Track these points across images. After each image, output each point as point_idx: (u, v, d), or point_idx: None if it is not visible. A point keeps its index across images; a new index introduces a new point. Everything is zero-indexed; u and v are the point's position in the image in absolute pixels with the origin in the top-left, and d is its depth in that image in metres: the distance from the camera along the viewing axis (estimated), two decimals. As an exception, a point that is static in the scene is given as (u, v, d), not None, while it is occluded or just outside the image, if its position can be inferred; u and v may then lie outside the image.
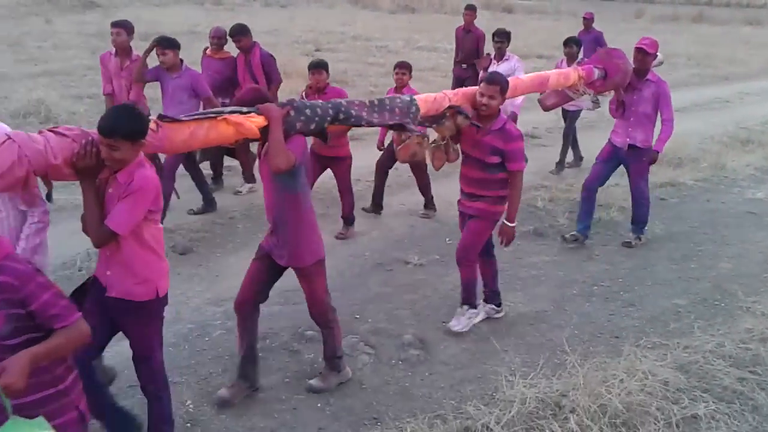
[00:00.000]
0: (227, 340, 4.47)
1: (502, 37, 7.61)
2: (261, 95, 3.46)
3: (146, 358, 3.21)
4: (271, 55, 6.99)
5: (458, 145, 4.45)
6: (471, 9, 9.44)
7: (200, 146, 3.29)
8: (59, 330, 2.20)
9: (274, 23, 21.28)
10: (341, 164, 6.13)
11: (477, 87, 4.40)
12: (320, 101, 3.64)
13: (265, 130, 3.27)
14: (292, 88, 11.83)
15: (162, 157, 4.54)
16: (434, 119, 4.16)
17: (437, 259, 5.84)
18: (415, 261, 5.74)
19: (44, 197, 3.10)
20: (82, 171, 2.77)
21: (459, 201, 4.66)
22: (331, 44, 17.88)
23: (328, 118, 3.50)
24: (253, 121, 3.22)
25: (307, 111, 3.42)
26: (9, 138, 2.63)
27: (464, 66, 9.32)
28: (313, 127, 3.45)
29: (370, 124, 3.78)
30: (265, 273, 3.78)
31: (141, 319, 3.11)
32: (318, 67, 5.83)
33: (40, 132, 2.74)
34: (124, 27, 6.33)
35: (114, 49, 6.44)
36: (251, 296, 3.79)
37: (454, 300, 5.04)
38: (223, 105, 6.90)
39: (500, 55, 7.59)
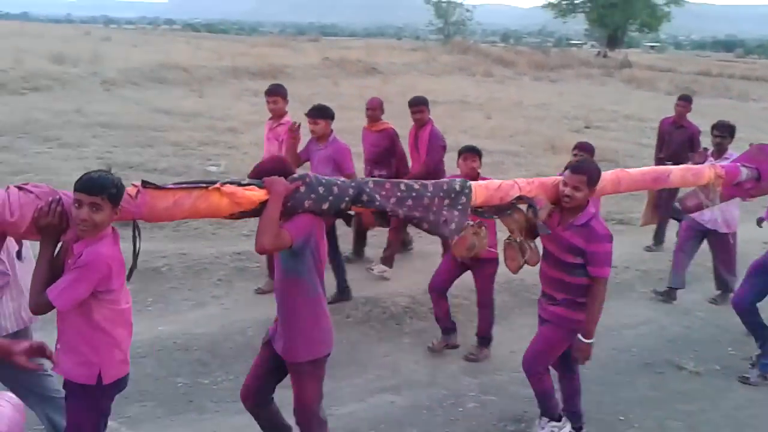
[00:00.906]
0: (481, 414, 4.42)
1: (724, 132, 6.38)
2: (282, 168, 3.19)
3: None
4: (439, 136, 6.60)
5: (535, 244, 3.84)
6: (686, 100, 8.18)
7: (186, 216, 2.99)
8: None
9: (543, 97, 21.48)
10: (483, 269, 5.11)
11: (558, 177, 3.87)
12: (341, 178, 3.33)
13: (265, 204, 3.03)
14: (558, 163, 11.78)
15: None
16: (498, 210, 3.66)
17: (717, 369, 5.25)
18: (690, 368, 5.20)
19: (14, 255, 3.10)
20: (44, 230, 2.65)
21: (538, 300, 4.12)
22: (602, 122, 17.51)
23: (346, 199, 3.18)
24: (252, 194, 3.01)
25: (320, 189, 3.13)
26: None
27: (668, 163, 7.67)
28: (325, 207, 3.14)
29: (395, 214, 3.32)
30: (267, 361, 3.46)
31: (74, 402, 2.89)
32: (472, 152, 5.01)
33: (7, 187, 2.68)
34: (279, 94, 6.11)
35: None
36: (253, 386, 3.50)
37: (737, 420, 4.50)
38: (379, 177, 6.64)
39: (719, 152, 6.40)
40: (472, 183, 3.56)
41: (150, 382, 4.62)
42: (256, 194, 3.00)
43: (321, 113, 5.71)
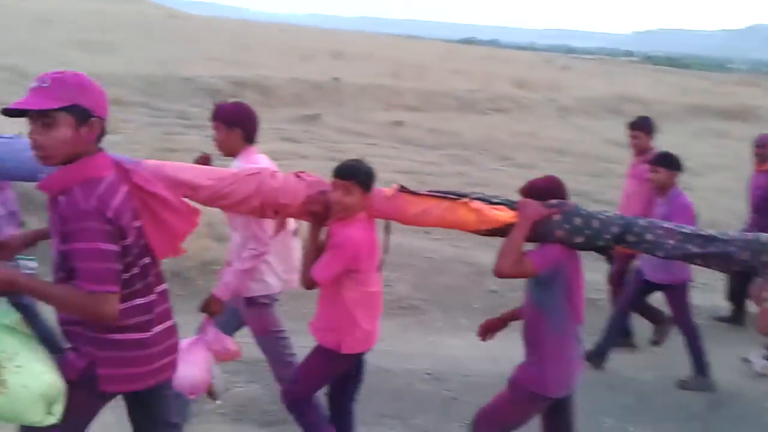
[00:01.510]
0: None
1: None
2: (553, 188, 3.07)
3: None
4: None
5: None
6: None
7: (433, 225, 3.07)
8: (72, 285, 2.20)
9: None
10: None
11: None
12: (608, 212, 3.03)
13: (511, 226, 2.94)
14: None
15: None
16: None
17: None
18: None
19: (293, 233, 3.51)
20: (312, 215, 3.01)
21: None
22: None
23: (607, 236, 2.91)
24: (499, 214, 2.95)
25: (577, 220, 2.91)
26: (257, 172, 3.00)
27: None
28: (579, 240, 2.92)
29: (671, 256, 2.94)
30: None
31: (315, 359, 3.26)
32: None
33: (286, 174, 3.05)
34: (641, 129, 5.59)
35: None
36: None
37: None
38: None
39: None
40: None
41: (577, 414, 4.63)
42: (504, 215, 2.98)
43: (662, 161, 4.95)
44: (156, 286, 2.40)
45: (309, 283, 3.11)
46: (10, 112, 2.15)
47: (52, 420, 2.24)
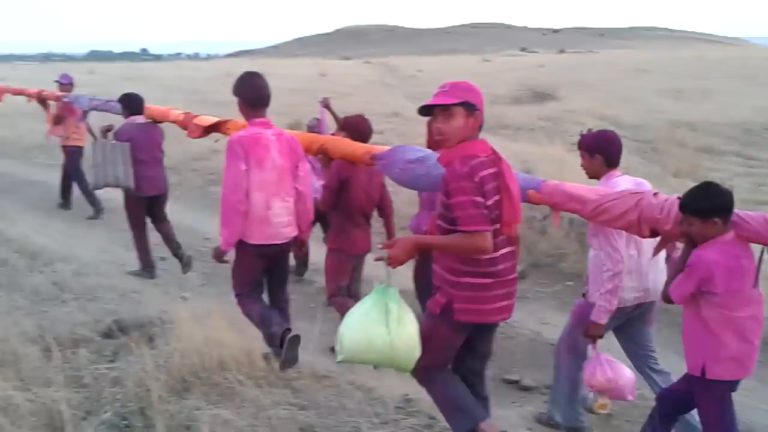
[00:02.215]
0: None
1: None
2: None
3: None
4: None
5: None
6: None
7: None
8: (457, 232, 2.92)
9: None
10: None
11: None
12: None
13: None
14: None
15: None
16: None
17: None
18: None
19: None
20: (684, 236, 3.18)
21: None
22: None
23: None
24: None
25: None
26: (638, 192, 3.42)
27: None
28: None
29: None
30: None
31: (695, 389, 3.21)
32: None
33: (673, 196, 3.30)
34: None
35: None
36: None
37: None
38: None
39: None
40: None
41: None
42: None
43: None
44: (502, 248, 3.03)
45: (665, 298, 3.23)
46: (424, 110, 3.08)
47: (338, 358, 3.05)
